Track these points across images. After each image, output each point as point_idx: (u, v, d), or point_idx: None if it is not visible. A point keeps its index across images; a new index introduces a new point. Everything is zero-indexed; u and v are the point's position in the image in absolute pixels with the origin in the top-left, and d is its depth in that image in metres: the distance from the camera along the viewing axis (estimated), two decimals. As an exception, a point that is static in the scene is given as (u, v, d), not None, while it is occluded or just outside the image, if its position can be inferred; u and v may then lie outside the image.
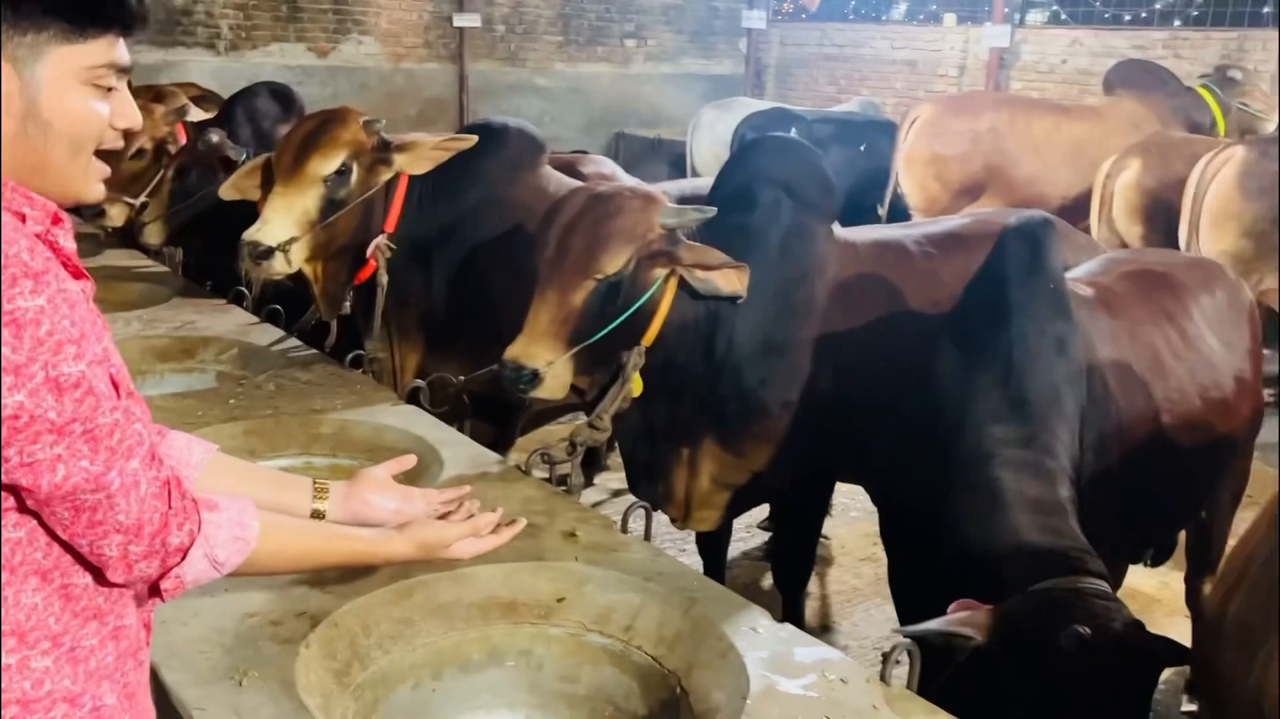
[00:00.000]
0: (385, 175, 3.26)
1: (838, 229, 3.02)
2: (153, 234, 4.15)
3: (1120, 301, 2.71)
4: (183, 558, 1.20)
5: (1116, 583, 3.85)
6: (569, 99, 11.29)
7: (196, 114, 4.66)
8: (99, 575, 1.18)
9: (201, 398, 3.02)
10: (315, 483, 1.62)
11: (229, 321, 3.65)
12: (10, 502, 1.10)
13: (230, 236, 3.26)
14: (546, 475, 2.57)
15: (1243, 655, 1.61)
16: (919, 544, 2.38)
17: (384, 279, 3.25)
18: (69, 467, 1.08)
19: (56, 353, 1.05)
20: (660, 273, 2.62)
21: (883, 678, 1.77)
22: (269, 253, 3.10)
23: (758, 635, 1.91)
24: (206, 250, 4.20)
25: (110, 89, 1.17)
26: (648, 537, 2.29)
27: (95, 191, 1.20)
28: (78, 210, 4.36)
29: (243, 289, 3.86)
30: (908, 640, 1.81)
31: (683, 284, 2.68)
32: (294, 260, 3.15)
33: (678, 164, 8.74)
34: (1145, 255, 3.08)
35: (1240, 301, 3.02)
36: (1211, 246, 5.55)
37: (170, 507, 1.18)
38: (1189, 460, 2.74)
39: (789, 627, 1.97)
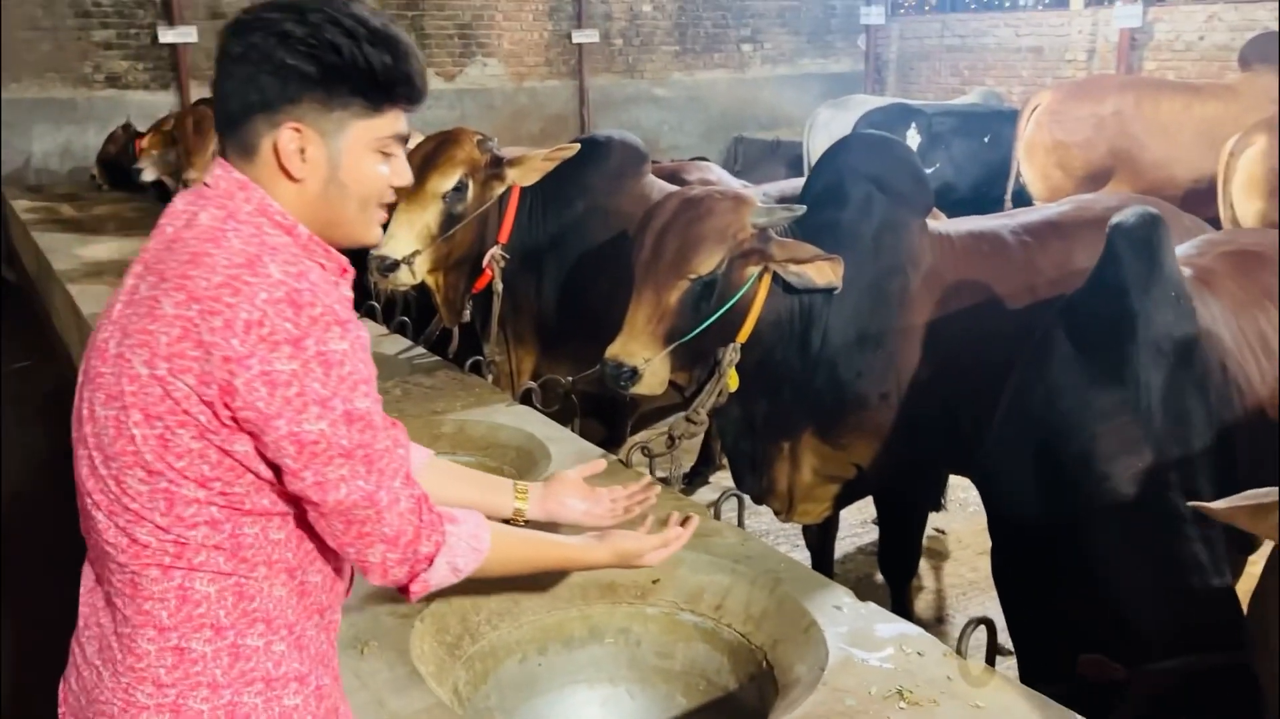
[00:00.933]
0: (498, 189, 3.48)
1: (933, 222, 3.06)
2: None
3: (1222, 283, 2.64)
4: (430, 565, 1.37)
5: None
6: (687, 107, 11.44)
7: None
8: (326, 575, 1.39)
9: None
10: (516, 485, 1.85)
11: (360, 333, 3.91)
12: (279, 506, 1.31)
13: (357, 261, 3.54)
14: (648, 468, 2.70)
15: None
16: (1027, 560, 2.36)
17: (499, 287, 3.47)
18: (349, 485, 1.27)
19: (353, 390, 1.25)
20: (753, 270, 2.73)
21: (959, 651, 1.83)
22: (395, 265, 3.37)
23: (840, 613, 1.99)
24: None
25: (390, 154, 1.36)
26: (740, 523, 2.39)
27: (375, 236, 1.42)
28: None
29: (373, 303, 4.14)
30: (985, 616, 1.87)
31: (776, 280, 2.77)
32: (418, 272, 3.40)
33: (796, 165, 8.77)
34: (1240, 235, 2.96)
35: None
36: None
37: (421, 520, 1.35)
38: None
39: (871, 605, 2.04)
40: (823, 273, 2.73)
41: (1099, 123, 6.76)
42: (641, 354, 2.63)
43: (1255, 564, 3.65)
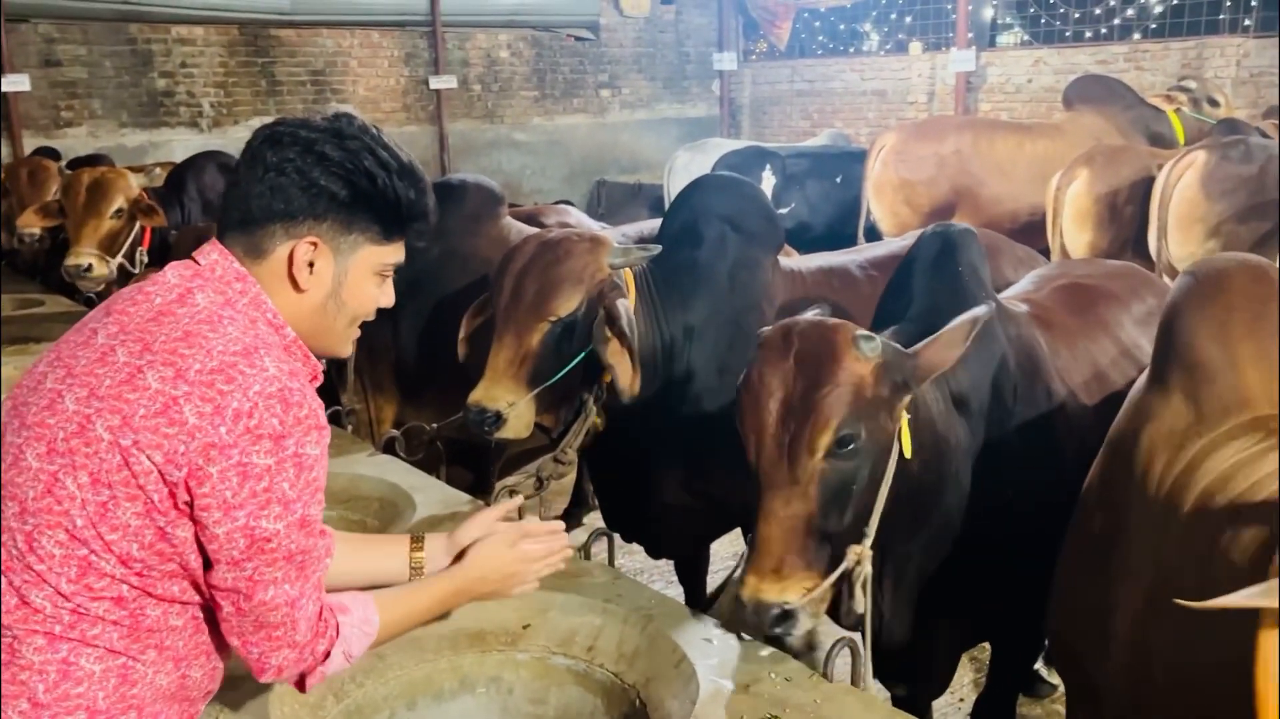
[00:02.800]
0: None
1: (784, 259, 3.15)
2: None
3: (1055, 316, 2.70)
4: (326, 659, 1.41)
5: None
6: (549, 151, 11.52)
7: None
8: (206, 672, 1.40)
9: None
10: (411, 539, 1.78)
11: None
12: (187, 596, 1.31)
13: None
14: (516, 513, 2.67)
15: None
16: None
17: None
18: (279, 589, 1.29)
19: (313, 496, 1.29)
20: None
21: (825, 675, 1.87)
22: None
23: (710, 645, 2.00)
24: None
25: (386, 278, 1.45)
26: (611, 562, 2.39)
27: (349, 350, 1.50)
28: (64, 271, 4.67)
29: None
30: (850, 636, 1.91)
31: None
32: None
33: (658, 207, 8.90)
34: (1073, 268, 3.09)
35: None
36: (1180, 250, 5.69)
37: (322, 621, 1.38)
38: None
39: (743, 637, 2.06)
40: None
41: (940, 161, 7.12)
42: (505, 398, 2.62)
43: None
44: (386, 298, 1.47)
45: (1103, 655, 1.70)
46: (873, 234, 7.17)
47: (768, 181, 7.69)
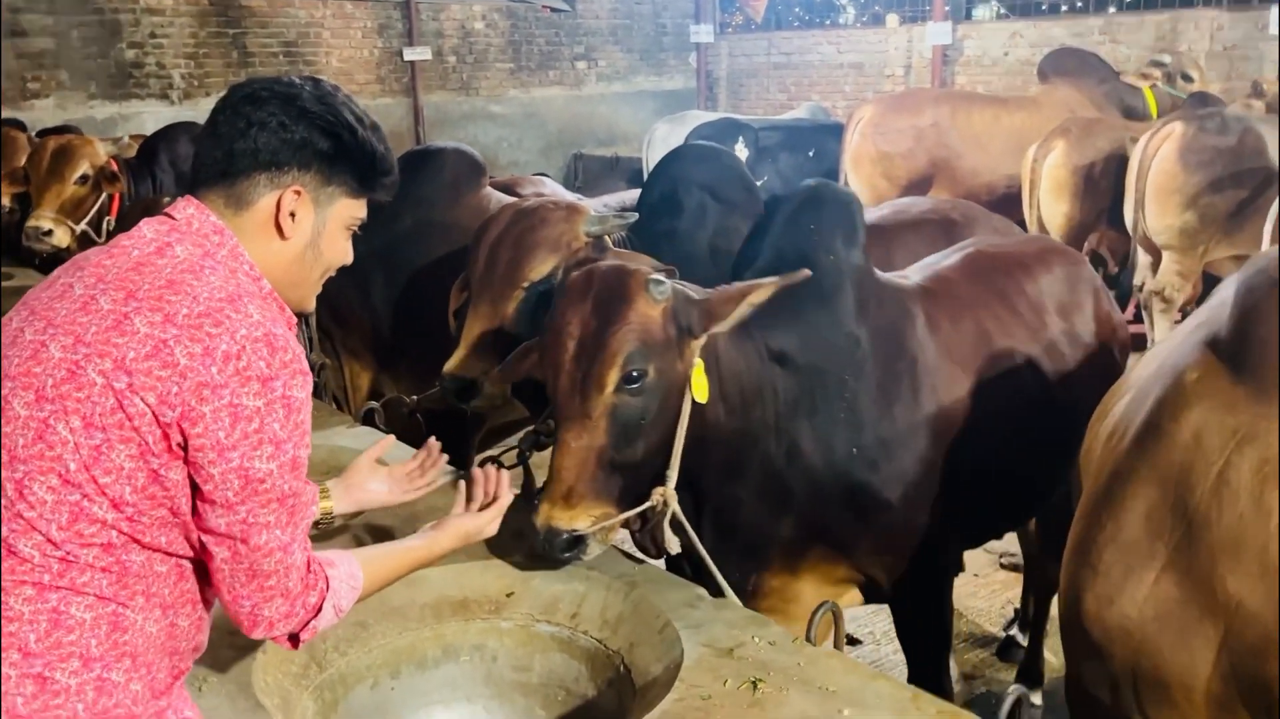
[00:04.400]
0: None
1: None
2: None
3: (950, 288, 2.69)
4: (318, 613, 1.42)
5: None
6: (525, 124, 11.44)
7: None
8: (193, 621, 1.41)
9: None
10: (319, 488, 1.83)
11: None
12: (174, 547, 1.32)
13: None
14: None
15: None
16: None
17: None
18: (271, 533, 1.32)
19: (302, 438, 1.32)
20: None
21: (809, 639, 1.88)
22: None
23: (694, 610, 2.01)
24: None
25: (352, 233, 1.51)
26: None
27: (313, 305, 1.55)
28: (23, 234, 4.63)
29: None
30: (833, 603, 1.93)
31: None
32: None
33: (636, 180, 8.87)
34: (987, 241, 3.03)
35: (1080, 275, 2.99)
36: (1157, 222, 5.74)
37: (310, 572, 1.41)
38: (1041, 437, 2.73)
39: (728, 600, 2.08)
40: None
41: (918, 134, 7.13)
42: (479, 366, 2.61)
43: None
44: (350, 254, 1.52)
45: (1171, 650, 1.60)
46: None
47: (740, 154, 7.68)
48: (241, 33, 9.83)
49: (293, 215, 1.41)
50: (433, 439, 2.07)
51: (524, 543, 2.28)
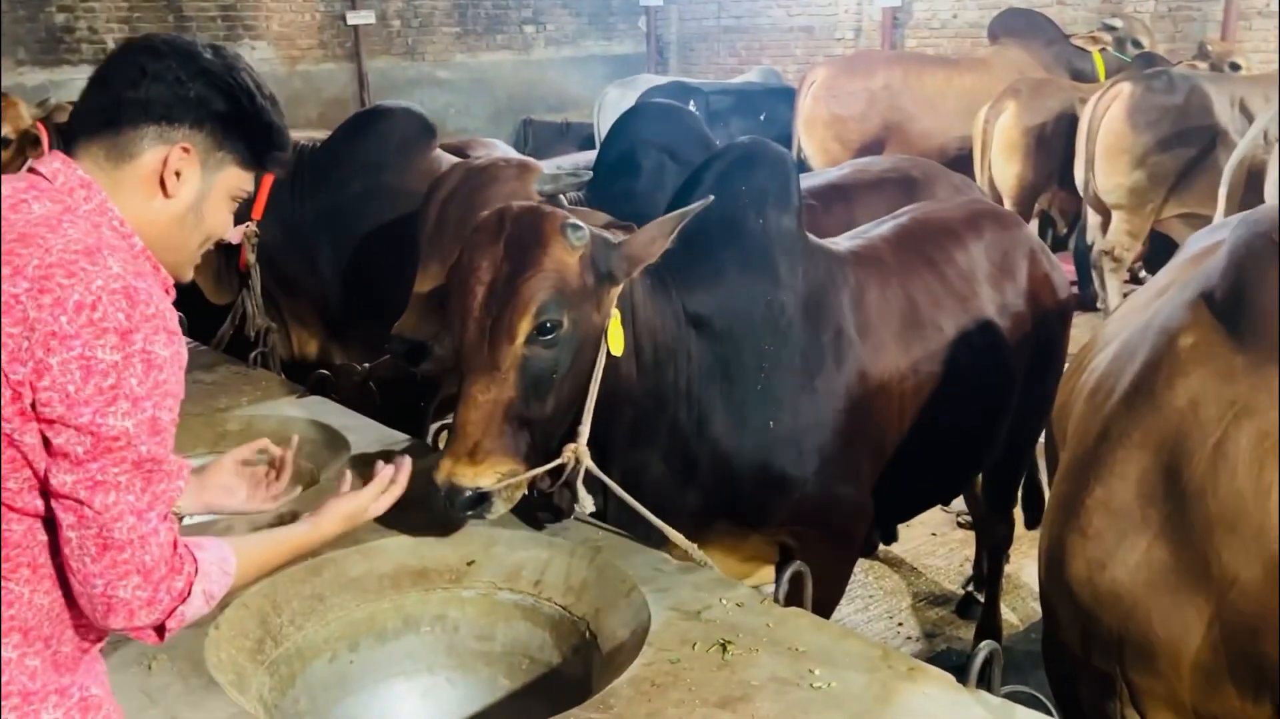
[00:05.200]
0: None
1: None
2: None
3: (880, 254, 2.67)
4: (185, 599, 1.29)
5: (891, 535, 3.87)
6: (473, 90, 11.24)
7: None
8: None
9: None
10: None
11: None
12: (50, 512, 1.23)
13: None
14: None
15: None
16: None
17: (251, 258, 3.31)
18: (122, 495, 1.21)
19: (164, 399, 1.22)
20: None
21: (776, 599, 1.86)
22: None
23: (661, 574, 1.98)
24: None
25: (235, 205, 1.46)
26: (552, 496, 2.34)
27: (190, 276, 1.44)
28: None
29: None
30: (800, 562, 1.91)
31: None
32: None
33: (587, 146, 8.76)
34: (921, 208, 3.02)
35: (1015, 239, 2.95)
36: (1107, 181, 5.79)
37: (176, 554, 1.29)
38: (974, 404, 2.74)
39: (692, 565, 2.04)
40: None
41: (871, 97, 7.11)
42: (428, 329, 2.53)
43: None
44: (230, 227, 1.47)
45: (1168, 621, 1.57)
46: (803, 169, 7.15)
47: (693, 118, 7.60)
48: (178, -5, 9.53)
49: (178, 174, 1.34)
50: (282, 448, 1.82)
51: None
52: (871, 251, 2.67)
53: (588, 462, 2.00)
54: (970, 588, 3.68)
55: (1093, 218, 6.16)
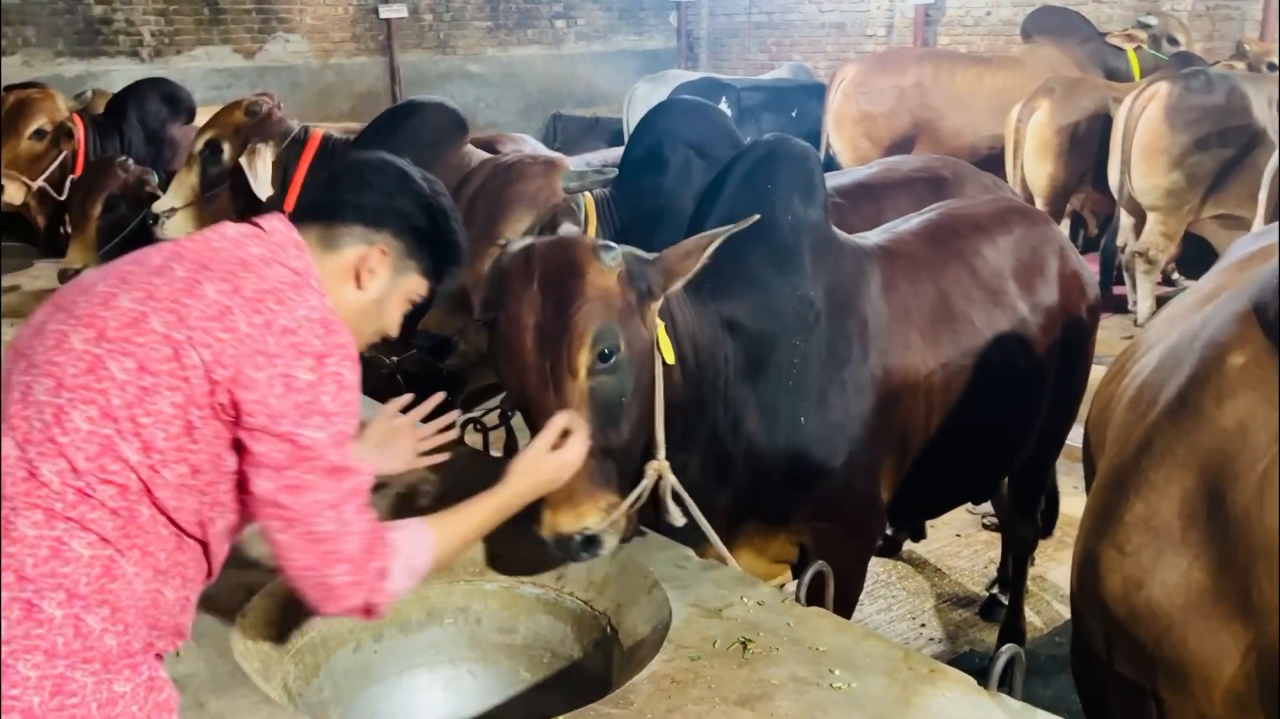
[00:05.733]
0: (251, 152, 3.37)
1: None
2: None
3: (909, 249, 2.65)
4: (386, 577, 1.46)
5: (919, 533, 3.87)
6: (503, 84, 11.27)
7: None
8: (179, 599, 1.43)
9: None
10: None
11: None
12: (183, 515, 1.38)
13: None
14: (482, 446, 2.64)
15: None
16: None
17: None
18: (317, 495, 1.38)
19: (349, 416, 1.40)
20: None
21: (799, 599, 1.86)
22: (155, 219, 3.59)
23: (682, 571, 1.99)
24: None
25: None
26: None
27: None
28: None
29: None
30: (821, 562, 1.91)
31: None
32: (170, 229, 3.53)
33: (617, 141, 8.77)
34: (951, 204, 3.01)
35: (1043, 235, 2.94)
36: (1143, 182, 5.73)
37: (374, 539, 1.45)
38: (1002, 402, 2.72)
39: (715, 563, 2.05)
40: None
41: (901, 94, 7.06)
42: (454, 325, 2.56)
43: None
44: (397, 328, 1.66)
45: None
46: (832, 167, 7.12)
47: (724, 114, 7.58)
48: (213, -12, 9.61)
49: (372, 271, 1.54)
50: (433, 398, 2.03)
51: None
52: (900, 245, 2.66)
53: (670, 476, 1.99)
54: (994, 590, 3.66)
55: (1126, 219, 6.09)
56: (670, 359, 2.00)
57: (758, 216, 2.09)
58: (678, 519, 2.01)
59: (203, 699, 1.63)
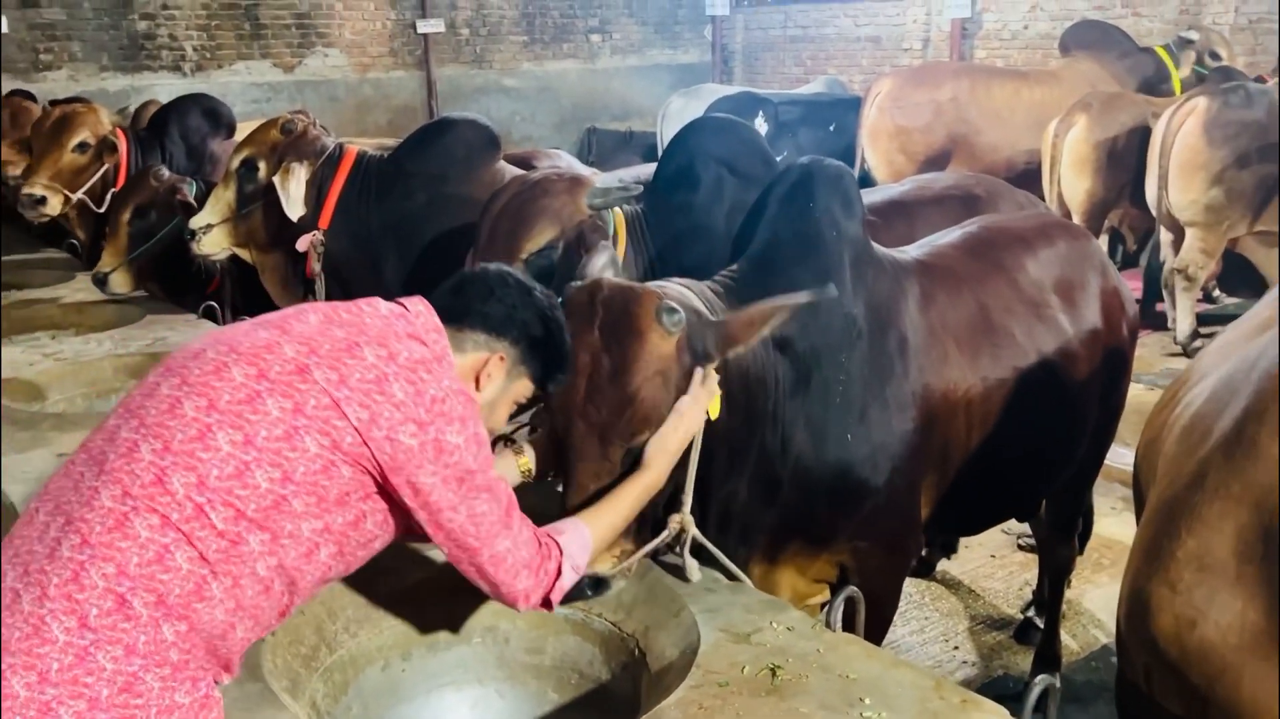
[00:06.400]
0: (285, 171, 3.40)
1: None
2: (119, 283, 4.18)
3: (948, 263, 2.62)
4: (559, 574, 1.66)
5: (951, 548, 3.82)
6: (538, 98, 11.34)
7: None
8: (245, 638, 1.51)
9: (174, 410, 3.08)
10: (512, 448, 2.03)
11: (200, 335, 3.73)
12: (289, 555, 1.47)
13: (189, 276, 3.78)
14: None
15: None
16: None
17: (317, 267, 3.41)
18: (485, 519, 1.57)
19: (488, 465, 1.58)
20: None
21: (829, 625, 1.84)
22: (191, 234, 3.60)
23: (711, 594, 1.98)
24: (169, 293, 4.28)
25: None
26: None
27: None
28: (18, 201, 4.65)
29: (213, 304, 3.94)
30: (854, 589, 1.89)
31: None
32: (210, 243, 3.58)
33: (650, 155, 8.80)
34: (990, 218, 2.98)
35: (1084, 251, 2.90)
36: (1181, 198, 5.65)
37: (542, 544, 1.65)
38: (1043, 419, 2.67)
39: (744, 585, 2.03)
40: None
41: (937, 108, 7.02)
42: None
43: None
44: (502, 427, 1.84)
45: None
46: (866, 182, 7.09)
47: (759, 129, 7.58)
48: (254, 4, 9.76)
49: (489, 375, 1.68)
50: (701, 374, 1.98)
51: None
52: (939, 259, 2.63)
53: (693, 530, 1.97)
54: (1030, 613, 3.60)
55: (1165, 235, 6.00)
56: (714, 415, 1.96)
57: (832, 289, 2.06)
58: (694, 575, 2.00)
59: (231, 718, 1.63)
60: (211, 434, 1.42)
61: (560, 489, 1.95)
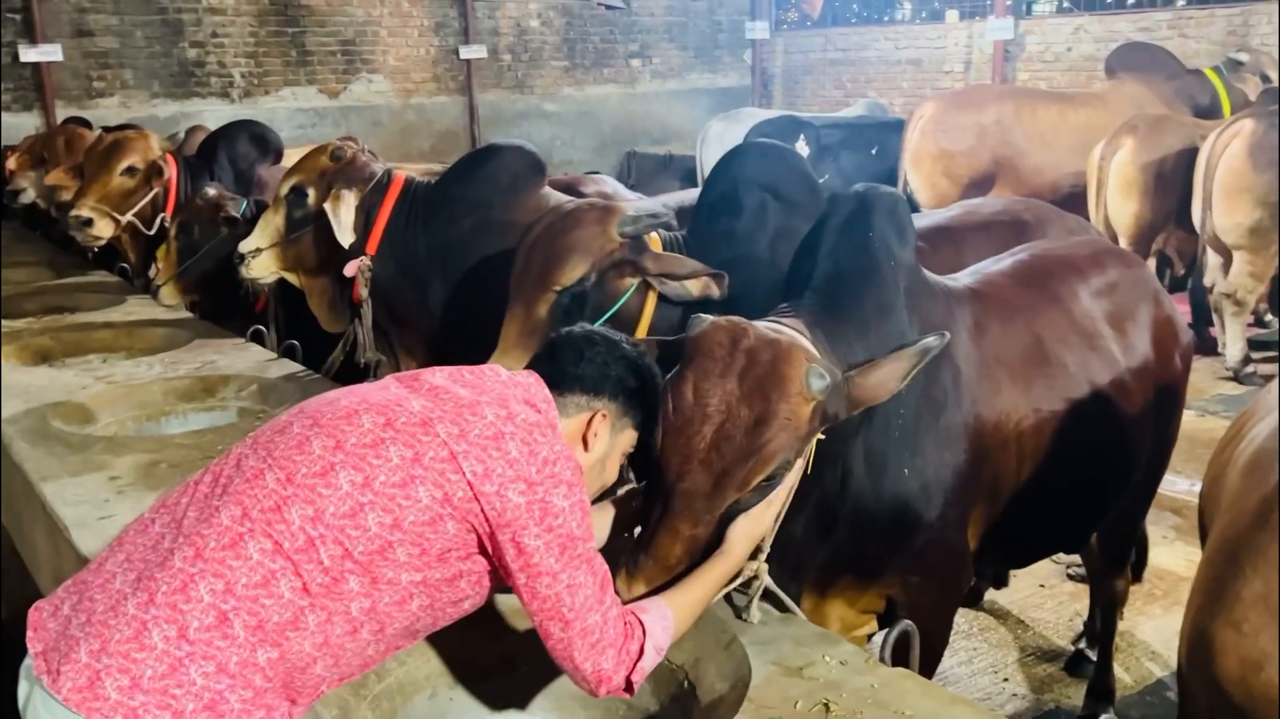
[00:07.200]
0: (335, 197, 3.43)
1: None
2: (168, 295, 4.36)
3: (1000, 291, 2.56)
4: (641, 656, 1.61)
5: (1002, 581, 3.73)
6: (578, 122, 11.43)
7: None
8: (323, 682, 1.54)
9: (223, 434, 3.11)
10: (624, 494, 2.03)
11: (248, 359, 3.76)
12: (379, 599, 1.49)
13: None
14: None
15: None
16: None
17: (364, 293, 3.43)
18: (580, 592, 1.55)
19: (589, 533, 1.58)
20: (631, 282, 2.68)
21: (882, 659, 1.81)
22: (240, 259, 3.60)
23: (763, 627, 1.95)
24: (215, 305, 4.35)
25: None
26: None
27: None
28: (68, 221, 4.75)
29: (260, 328, 3.99)
30: (908, 622, 1.86)
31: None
32: (255, 268, 3.59)
33: (690, 179, 8.82)
34: (1041, 244, 2.92)
35: (1137, 278, 2.85)
36: (1225, 221, 5.57)
37: (626, 624, 1.62)
38: (1097, 450, 2.61)
39: (795, 617, 2.01)
40: (701, 286, 2.67)
41: (981, 131, 6.98)
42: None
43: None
44: (615, 477, 1.81)
45: None
46: (908, 205, 7.03)
47: (802, 152, 7.57)
48: (300, 32, 9.93)
49: (596, 434, 1.70)
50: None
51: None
52: (991, 287, 2.59)
53: (767, 579, 1.93)
54: (1081, 644, 3.53)
55: (1213, 258, 5.91)
56: (808, 469, 1.92)
57: (947, 335, 1.99)
58: (755, 618, 1.95)
59: (283, 746, 1.64)
60: (334, 472, 1.47)
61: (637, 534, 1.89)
